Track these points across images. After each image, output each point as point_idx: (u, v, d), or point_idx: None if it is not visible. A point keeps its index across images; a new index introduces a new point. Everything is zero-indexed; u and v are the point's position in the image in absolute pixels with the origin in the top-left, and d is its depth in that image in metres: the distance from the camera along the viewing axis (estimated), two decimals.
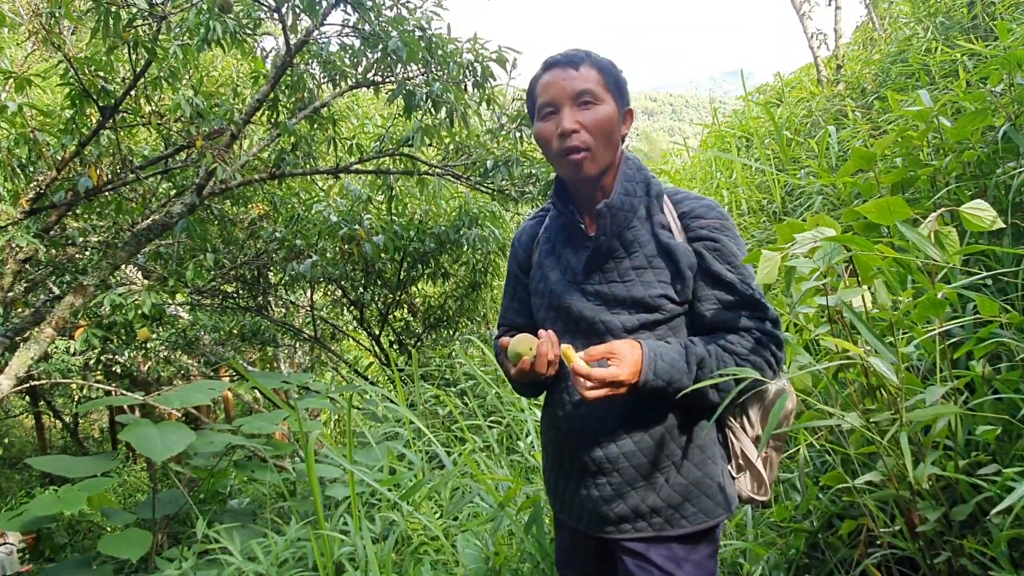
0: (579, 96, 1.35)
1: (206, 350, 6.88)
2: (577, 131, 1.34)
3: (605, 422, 1.39)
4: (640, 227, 1.40)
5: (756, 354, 1.34)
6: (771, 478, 1.48)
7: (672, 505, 1.35)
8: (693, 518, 1.35)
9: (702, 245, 1.37)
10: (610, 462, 1.38)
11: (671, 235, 1.39)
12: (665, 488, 1.36)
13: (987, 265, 2.22)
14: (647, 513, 1.36)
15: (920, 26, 5.62)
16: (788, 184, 4.77)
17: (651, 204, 1.42)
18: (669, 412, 1.38)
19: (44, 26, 3.17)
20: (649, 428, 1.37)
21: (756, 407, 1.45)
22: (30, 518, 2.96)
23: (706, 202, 1.42)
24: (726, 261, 1.37)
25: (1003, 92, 2.48)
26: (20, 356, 3.25)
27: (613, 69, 1.41)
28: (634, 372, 1.28)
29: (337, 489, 3.18)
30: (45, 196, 3.73)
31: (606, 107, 1.36)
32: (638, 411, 1.38)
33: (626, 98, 1.43)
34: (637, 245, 1.39)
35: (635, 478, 1.37)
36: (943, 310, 1.48)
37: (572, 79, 1.36)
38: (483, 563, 2.36)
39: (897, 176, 2.42)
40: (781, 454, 1.51)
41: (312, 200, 5.71)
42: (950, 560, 1.58)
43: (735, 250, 1.38)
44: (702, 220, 1.39)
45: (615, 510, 1.38)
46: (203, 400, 3.33)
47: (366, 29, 3.78)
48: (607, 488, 1.39)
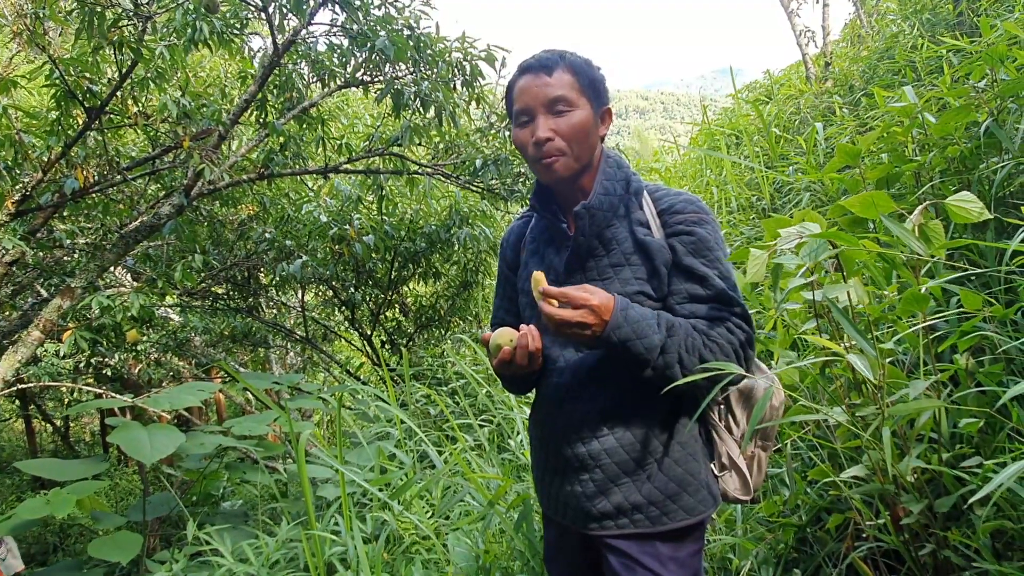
0: (552, 104, 1.36)
1: (197, 352, 6.85)
2: (551, 139, 1.35)
3: (589, 418, 1.40)
4: (619, 225, 1.42)
5: (724, 341, 1.32)
6: (760, 478, 1.48)
7: (654, 502, 1.36)
8: (675, 515, 1.36)
9: (677, 240, 1.37)
10: (593, 458, 1.39)
11: (649, 232, 1.39)
12: (647, 485, 1.37)
13: (970, 259, 2.24)
14: (629, 510, 1.37)
15: (906, 23, 5.66)
16: (777, 181, 4.79)
17: (629, 201, 1.43)
18: (651, 409, 1.38)
19: (29, 27, 3.14)
20: (631, 425, 1.38)
21: (741, 405, 1.46)
22: (19, 522, 2.95)
23: (685, 197, 1.41)
24: (700, 255, 1.36)
25: (986, 88, 2.50)
26: (7, 359, 3.23)
27: (588, 70, 1.40)
28: (607, 308, 1.27)
29: (328, 489, 3.18)
30: (31, 198, 3.71)
31: (580, 112, 1.37)
32: (621, 407, 1.39)
33: (603, 98, 1.43)
34: (615, 243, 1.40)
35: (618, 475, 1.38)
36: (927, 304, 1.49)
37: (545, 86, 1.36)
38: (474, 561, 2.37)
39: (882, 172, 2.43)
40: (769, 453, 1.51)
41: (302, 200, 5.69)
42: (934, 552, 1.59)
43: (712, 244, 1.37)
44: (679, 215, 1.39)
45: (598, 507, 1.39)
46: (193, 402, 3.32)
47: (354, 28, 3.77)
48: (590, 485, 1.40)
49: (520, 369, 1.41)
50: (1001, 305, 1.66)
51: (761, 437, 1.49)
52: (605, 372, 1.40)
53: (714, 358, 1.29)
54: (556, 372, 1.46)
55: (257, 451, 3.85)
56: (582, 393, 1.42)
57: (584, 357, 1.42)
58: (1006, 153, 2.37)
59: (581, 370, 1.42)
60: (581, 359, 1.42)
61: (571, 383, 1.43)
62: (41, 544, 6.74)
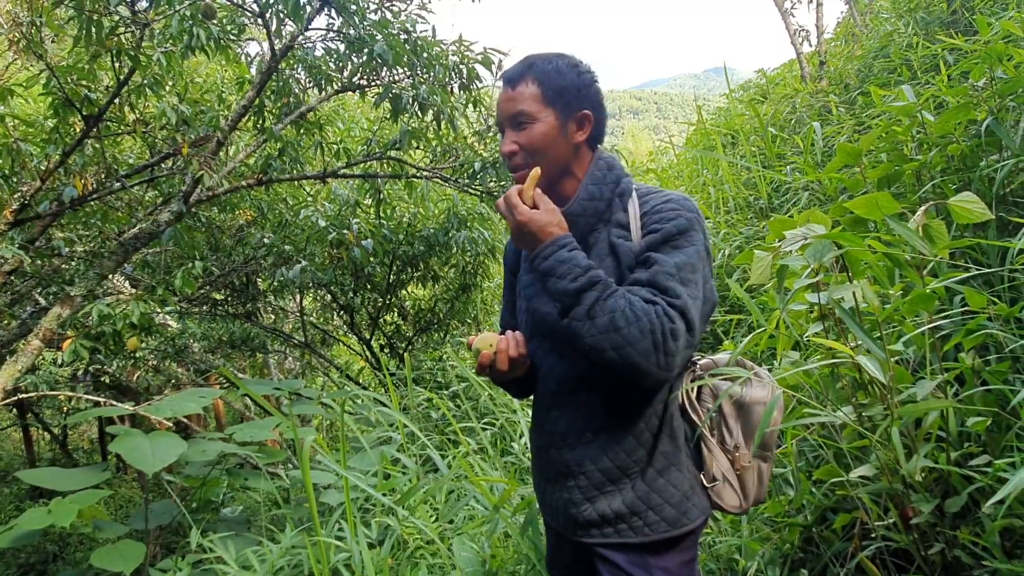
0: (514, 119, 1.39)
1: (196, 358, 6.83)
2: (515, 152, 1.39)
3: (574, 425, 1.41)
4: (602, 228, 1.42)
5: (645, 318, 1.23)
6: (762, 489, 1.45)
7: (636, 512, 1.36)
8: (656, 527, 1.35)
9: (647, 239, 1.34)
10: (578, 465, 1.40)
11: (626, 234, 1.38)
12: (629, 494, 1.36)
13: (973, 258, 2.24)
14: (612, 519, 1.37)
15: (901, 21, 5.68)
16: (774, 181, 4.80)
17: (613, 202, 1.42)
18: (636, 417, 1.38)
19: (25, 35, 3.13)
20: (615, 432, 1.38)
21: (735, 414, 1.43)
22: (20, 532, 2.93)
23: (670, 196, 1.38)
24: (658, 247, 1.32)
25: (985, 86, 2.51)
26: (7, 369, 3.22)
27: (555, 78, 1.38)
28: (546, 233, 1.32)
29: (331, 495, 3.16)
30: (29, 207, 3.69)
31: (540, 126, 1.37)
32: (605, 414, 1.39)
33: (575, 103, 1.40)
34: (595, 246, 1.41)
35: (602, 482, 1.38)
36: (932, 304, 1.50)
37: (510, 101, 1.40)
38: (479, 566, 2.36)
39: (883, 171, 2.44)
40: (771, 463, 1.47)
41: (299, 205, 5.68)
42: (943, 551, 1.59)
43: (676, 238, 1.31)
44: (657, 215, 1.35)
45: (584, 514, 1.39)
46: (195, 409, 3.30)
47: (351, 33, 3.77)
48: (576, 492, 1.41)
49: (502, 375, 1.44)
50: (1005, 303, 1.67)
51: (762, 448, 1.45)
52: (591, 379, 1.40)
53: (627, 328, 1.22)
54: (543, 378, 1.48)
55: (259, 457, 3.83)
56: (569, 400, 1.42)
57: (570, 364, 1.42)
58: (1006, 151, 2.38)
59: (567, 377, 1.42)
60: (567, 366, 1.42)
61: (557, 390, 1.44)
62: (40, 553, 6.71)
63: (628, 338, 1.22)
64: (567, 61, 1.42)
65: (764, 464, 1.45)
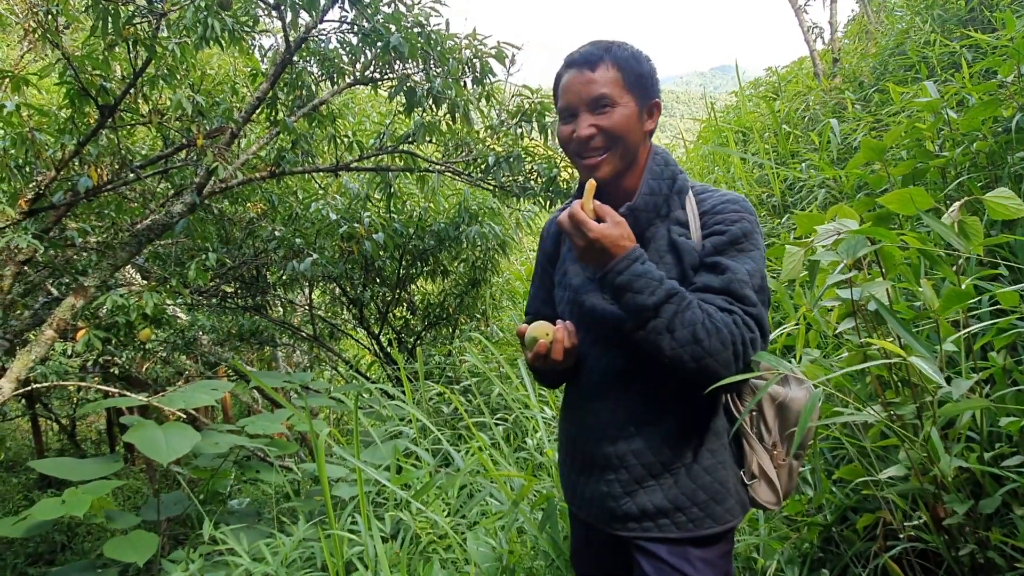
0: (595, 102, 1.34)
1: (205, 351, 6.83)
2: (593, 136, 1.34)
3: (616, 417, 1.39)
4: (659, 224, 1.40)
5: (726, 329, 1.24)
6: (791, 484, 1.45)
7: (681, 508, 1.35)
8: (703, 523, 1.34)
9: (711, 239, 1.35)
10: (619, 459, 1.38)
11: (686, 232, 1.37)
12: (673, 490, 1.35)
13: (1001, 255, 2.22)
14: (654, 514, 1.36)
15: (918, 18, 5.63)
16: (788, 178, 4.77)
17: (671, 200, 1.41)
18: (682, 413, 1.37)
19: (42, 24, 3.12)
20: (660, 427, 1.36)
21: (774, 412, 1.42)
22: (35, 522, 2.93)
23: (729, 197, 1.39)
24: (726, 252, 1.32)
25: (1012, 82, 2.47)
26: (21, 359, 3.21)
27: (634, 64, 1.37)
28: (619, 247, 1.26)
29: (342, 488, 3.16)
30: (44, 197, 3.69)
31: (623, 110, 1.35)
32: (650, 408, 1.37)
33: (651, 91, 1.40)
34: (652, 241, 1.39)
35: (644, 476, 1.36)
36: (967, 301, 1.47)
37: (588, 83, 1.34)
38: (496, 561, 2.35)
39: (907, 168, 2.41)
40: (802, 461, 1.48)
41: (310, 199, 5.67)
42: (972, 553, 1.57)
43: (742, 242, 1.33)
44: (719, 215, 1.36)
45: (623, 507, 1.38)
46: (207, 401, 3.30)
47: (365, 26, 3.75)
48: (616, 485, 1.39)
49: (555, 364, 1.41)
50: None
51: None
52: (635, 372, 1.38)
53: (708, 340, 1.23)
54: (587, 370, 1.45)
55: (270, 450, 3.83)
56: (611, 392, 1.41)
57: (615, 356, 1.40)
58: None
59: (611, 369, 1.41)
60: (612, 358, 1.41)
61: (600, 381, 1.42)
62: (48, 544, 6.71)
63: (709, 350, 1.23)
64: (636, 49, 1.40)
65: (795, 462, 1.44)
